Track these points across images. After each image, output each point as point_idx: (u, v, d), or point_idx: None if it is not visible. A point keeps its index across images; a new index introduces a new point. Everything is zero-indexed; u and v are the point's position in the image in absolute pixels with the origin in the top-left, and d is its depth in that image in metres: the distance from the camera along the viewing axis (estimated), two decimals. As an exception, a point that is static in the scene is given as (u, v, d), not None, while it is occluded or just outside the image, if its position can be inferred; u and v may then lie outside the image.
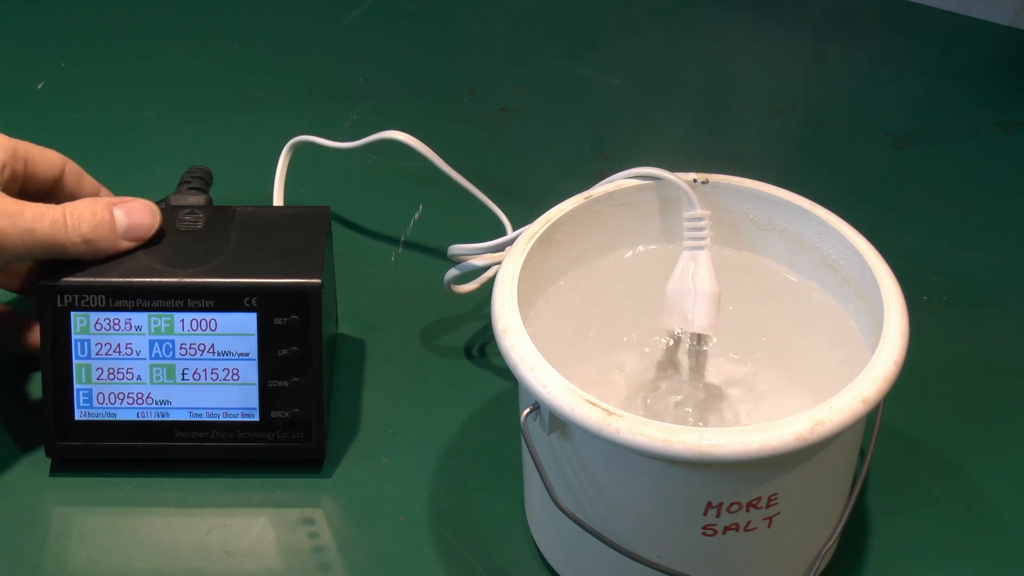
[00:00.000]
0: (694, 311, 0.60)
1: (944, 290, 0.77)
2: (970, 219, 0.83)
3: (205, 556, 0.62)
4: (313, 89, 0.94)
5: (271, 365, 0.64)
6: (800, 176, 0.74)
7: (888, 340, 0.53)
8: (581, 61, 0.98)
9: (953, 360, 0.72)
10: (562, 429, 0.53)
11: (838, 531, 0.56)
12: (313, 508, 0.65)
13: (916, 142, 0.89)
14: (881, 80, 0.97)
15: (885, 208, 0.83)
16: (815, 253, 0.61)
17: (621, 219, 0.63)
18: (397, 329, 0.74)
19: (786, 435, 0.49)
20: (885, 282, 0.56)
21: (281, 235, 0.66)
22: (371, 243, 0.80)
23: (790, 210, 0.61)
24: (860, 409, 0.50)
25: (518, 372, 0.53)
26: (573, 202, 0.61)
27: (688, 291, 0.60)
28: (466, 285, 0.72)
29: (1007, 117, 0.92)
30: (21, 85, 0.94)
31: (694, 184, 0.61)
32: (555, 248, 0.61)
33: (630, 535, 0.54)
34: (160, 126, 0.90)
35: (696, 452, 0.49)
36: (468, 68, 0.97)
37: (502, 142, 0.89)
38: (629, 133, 0.90)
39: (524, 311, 0.55)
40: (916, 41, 1.01)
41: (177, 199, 0.70)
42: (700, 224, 0.61)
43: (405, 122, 0.79)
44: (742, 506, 0.52)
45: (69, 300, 0.63)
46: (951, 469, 0.66)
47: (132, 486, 0.66)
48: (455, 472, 0.66)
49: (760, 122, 0.92)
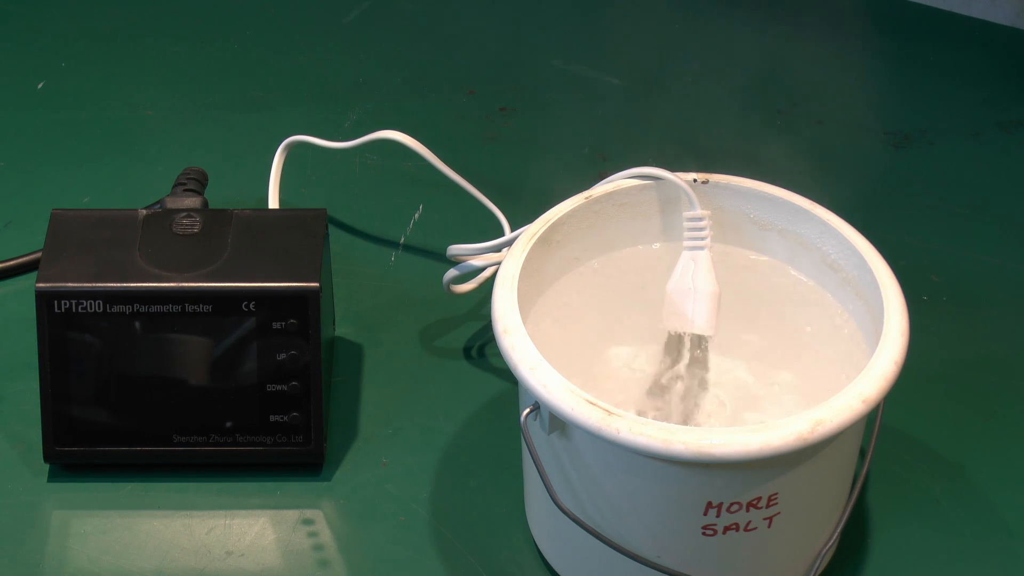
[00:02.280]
0: (694, 311, 0.60)
1: (944, 290, 0.77)
2: (970, 219, 0.83)
3: (205, 556, 0.62)
4: (313, 89, 0.94)
5: (269, 369, 0.64)
6: (800, 176, 0.74)
7: (888, 340, 0.53)
8: (581, 61, 0.98)
9: (953, 360, 0.72)
10: (562, 429, 0.53)
11: (838, 531, 0.56)
12: (313, 508, 0.65)
13: (916, 142, 0.89)
14: (881, 80, 0.96)
15: (885, 208, 0.83)
16: (815, 253, 0.61)
17: (621, 219, 0.63)
18: (396, 329, 0.74)
19: (786, 435, 0.49)
20: (885, 282, 0.56)
21: (278, 238, 0.66)
22: (370, 244, 0.80)
23: (790, 210, 0.61)
24: (860, 409, 0.50)
25: (518, 372, 0.53)
26: (573, 202, 0.61)
27: (688, 291, 0.60)
28: (465, 285, 0.72)
29: (1007, 117, 0.92)
30: (21, 85, 0.94)
31: (694, 184, 0.61)
32: (555, 248, 0.61)
33: (630, 535, 0.54)
34: (160, 126, 0.90)
35: (696, 452, 0.49)
36: (468, 68, 0.97)
37: (502, 142, 0.89)
38: (629, 133, 0.90)
39: (524, 311, 0.55)
40: (916, 41, 1.01)
41: (173, 201, 0.70)
42: (700, 224, 0.61)
43: (405, 122, 0.79)
44: (742, 506, 0.52)
45: (67, 305, 0.63)
46: (951, 469, 0.66)
47: (131, 487, 0.65)
48: (455, 472, 0.66)
49: (760, 122, 0.92)
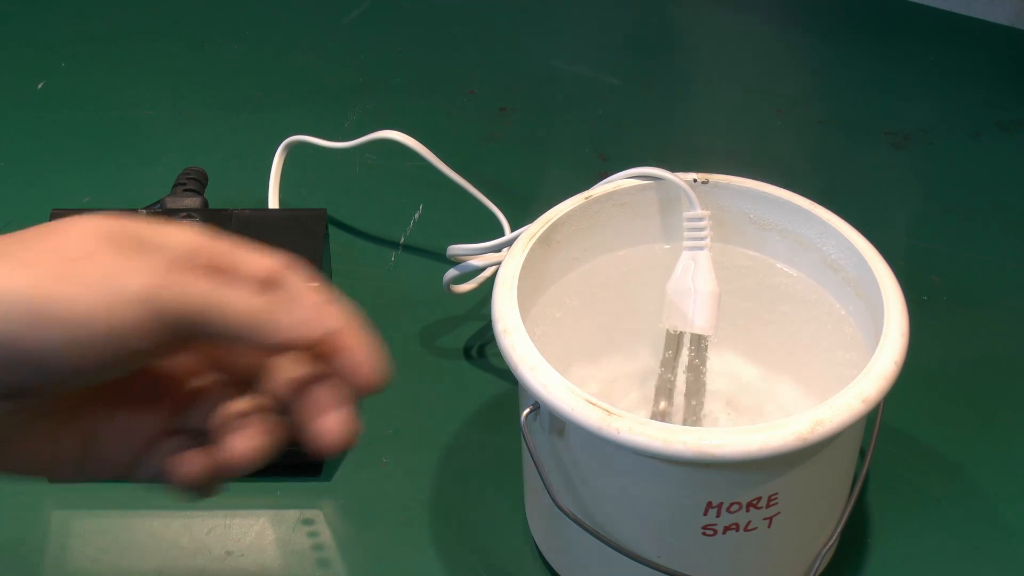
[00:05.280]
0: (694, 311, 0.60)
1: (944, 290, 0.77)
2: (970, 219, 0.83)
3: (205, 556, 0.62)
4: (313, 89, 0.94)
5: None
6: (800, 176, 0.74)
7: (888, 340, 0.53)
8: (581, 61, 0.98)
9: (953, 360, 0.72)
10: (562, 429, 0.53)
11: (838, 531, 0.56)
12: (313, 508, 0.65)
13: (916, 142, 0.89)
14: (881, 80, 0.97)
15: (885, 208, 0.83)
16: (815, 253, 0.61)
17: (621, 219, 0.63)
18: (397, 330, 0.74)
19: (786, 435, 0.49)
20: (885, 282, 0.56)
21: (278, 238, 0.66)
22: (370, 244, 0.80)
23: (790, 210, 0.61)
24: (860, 409, 0.50)
25: (518, 372, 0.52)
26: (573, 202, 0.61)
27: (688, 291, 0.60)
28: (465, 285, 0.72)
29: (1007, 117, 0.92)
30: (21, 85, 0.94)
31: (694, 184, 0.61)
32: (555, 248, 0.61)
33: (630, 535, 0.54)
34: (160, 126, 0.90)
35: (696, 452, 0.49)
36: (468, 68, 0.97)
37: (502, 142, 0.89)
38: (629, 133, 0.90)
39: (524, 311, 0.55)
40: (916, 41, 1.01)
41: (173, 201, 0.70)
42: (700, 224, 0.61)
43: (405, 122, 0.79)
44: (742, 506, 0.52)
45: None
46: (951, 469, 0.66)
47: (131, 487, 0.65)
48: (455, 472, 0.66)
49: (760, 122, 0.92)
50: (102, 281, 0.41)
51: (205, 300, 0.43)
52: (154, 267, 0.42)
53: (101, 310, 0.40)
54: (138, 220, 0.44)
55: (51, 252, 0.41)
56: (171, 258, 0.43)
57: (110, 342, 0.41)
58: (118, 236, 0.43)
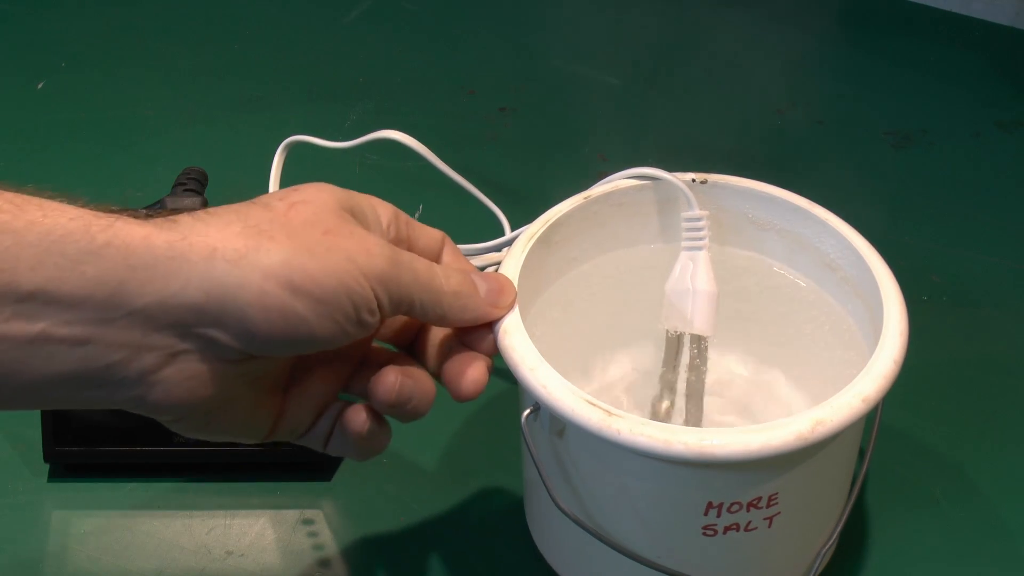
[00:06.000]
0: (693, 312, 0.60)
1: (944, 290, 0.77)
2: (970, 219, 0.83)
3: (205, 556, 0.62)
4: (313, 89, 0.94)
5: None
6: (800, 176, 0.74)
7: (888, 339, 0.53)
8: (581, 61, 0.98)
9: (953, 360, 0.72)
10: (562, 430, 0.53)
11: (838, 531, 0.56)
12: (313, 508, 0.65)
13: (916, 142, 0.89)
14: (881, 80, 0.97)
15: (885, 208, 0.83)
16: (814, 253, 0.61)
17: (620, 219, 0.63)
18: (397, 329, 0.74)
19: (786, 435, 0.49)
20: (884, 282, 0.56)
21: None
22: (371, 243, 0.80)
23: (789, 210, 0.61)
24: (860, 408, 0.50)
25: (518, 372, 0.52)
26: (573, 202, 0.61)
27: (687, 292, 0.60)
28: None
29: (1007, 117, 0.92)
30: (21, 85, 0.94)
31: (693, 184, 0.61)
32: (555, 248, 0.61)
33: (630, 535, 0.54)
34: (160, 126, 0.90)
35: (696, 452, 0.49)
36: (468, 68, 0.97)
37: (502, 142, 0.89)
38: (629, 133, 0.90)
39: (524, 311, 0.55)
40: (916, 41, 1.01)
41: (173, 202, 0.70)
42: (699, 224, 0.61)
43: (405, 122, 0.79)
44: (742, 506, 0.52)
45: None
46: (951, 469, 0.66)
47: (132, 487, 0.65)
48: (455, 472, 0.66)
49: (760, 122, 0.92)
50: (348, 260, 0.45)
51: (426, 283, 0.49)
52: (383, 246, 0.47)
53: (346, 286, 0.45)
54: (349, 192, 0.50)
55: (301, 228, 0.46)
56: (382, 231, 0.50)
57: (351, 315, 0.45)
58: (346, 207, 0.49)
